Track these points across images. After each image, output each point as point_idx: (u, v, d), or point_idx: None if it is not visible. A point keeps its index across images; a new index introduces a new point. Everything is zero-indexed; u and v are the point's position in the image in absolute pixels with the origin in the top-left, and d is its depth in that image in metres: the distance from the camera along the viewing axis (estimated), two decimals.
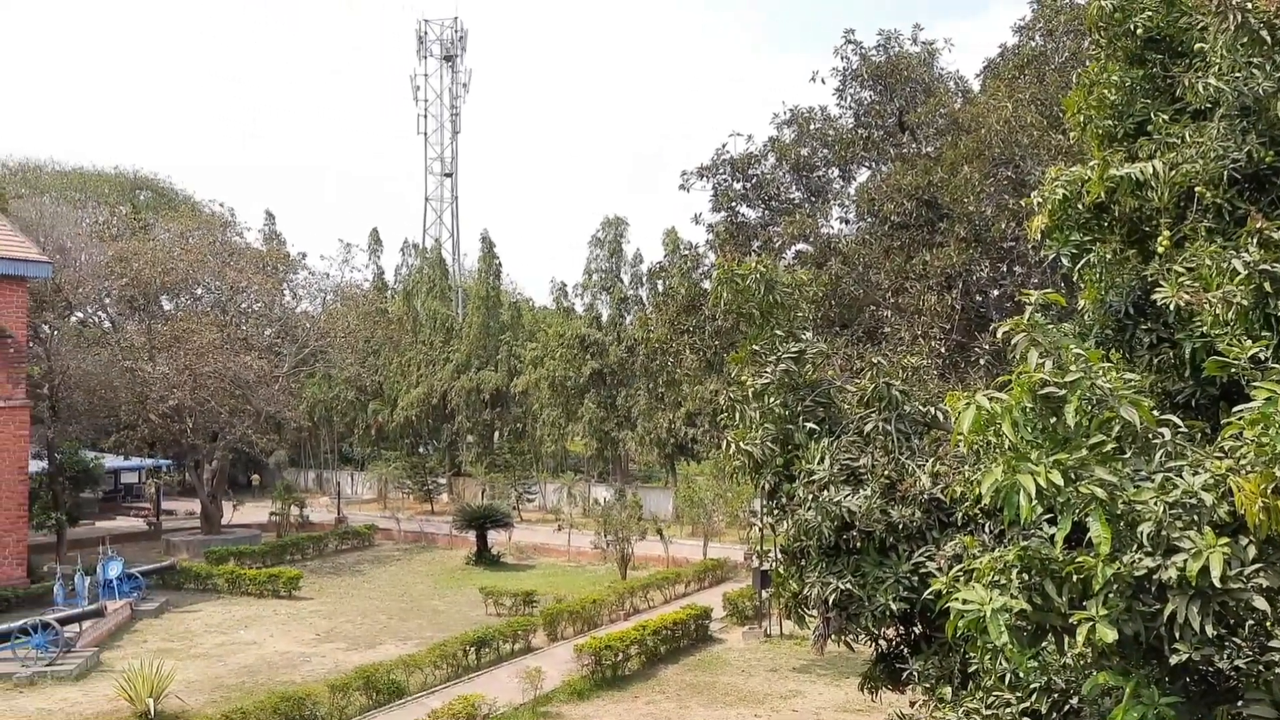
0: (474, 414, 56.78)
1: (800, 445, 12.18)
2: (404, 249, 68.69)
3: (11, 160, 62.05)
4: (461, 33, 70.92)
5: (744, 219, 29.44)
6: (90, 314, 44.50)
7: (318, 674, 22.18)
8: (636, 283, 53.03)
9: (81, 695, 20.89)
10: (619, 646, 22.42)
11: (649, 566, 35.49)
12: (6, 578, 29.83)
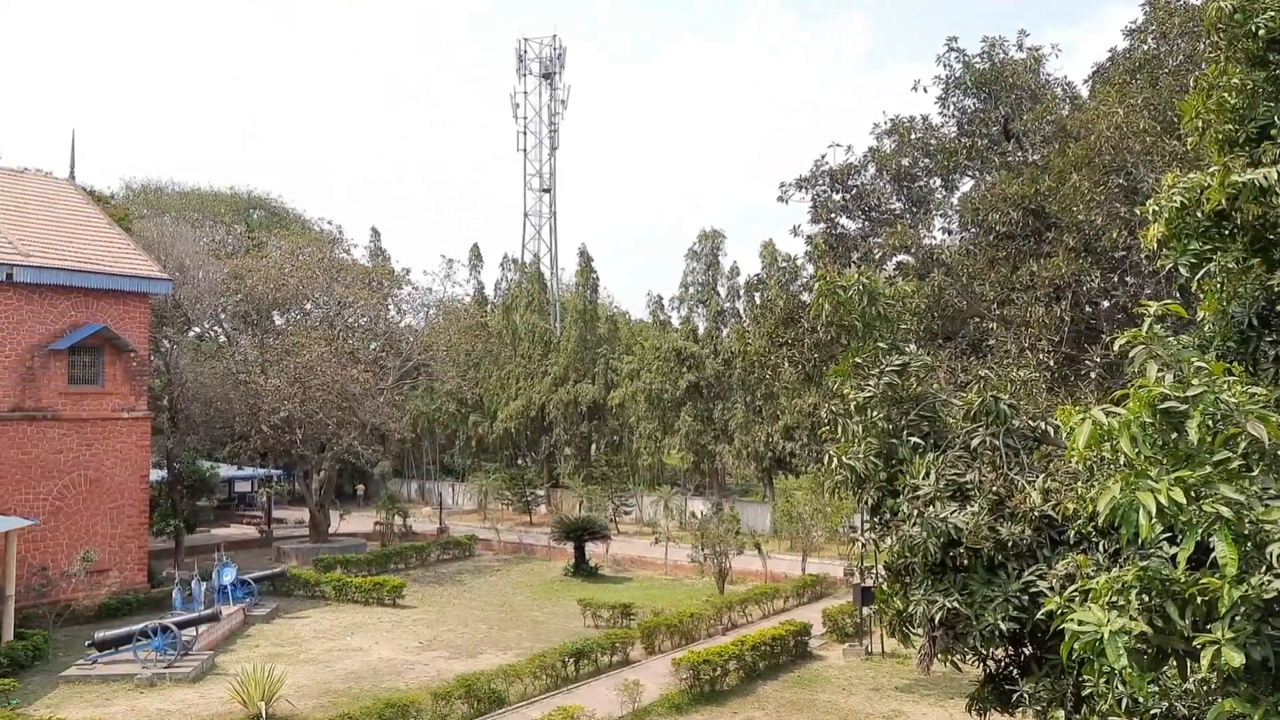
0: (571, 426, 57.28)
1: (904, 460, 12.00)
2: (504, 264, 69.79)
3: (135, 182, 65.15)
4: (560, 50, 71.92)
5: (843, 230, 29.16)
6: (207, 329, 46.34)
7: (421, 681, 22.59)
8: (733, 295, 52.90)
9: (198, 697, 21.65)
10: (717, 661, 22.31)
11: (747, 581, 35.26)
12: (129, 582, 31.14)
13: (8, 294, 28.94)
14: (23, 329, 29.27)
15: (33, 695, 21.43)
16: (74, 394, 30.51)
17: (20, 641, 24.29)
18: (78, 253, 31.25)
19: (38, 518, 28.36)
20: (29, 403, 29.40)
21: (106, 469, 31.14)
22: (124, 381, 31.81)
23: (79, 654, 24.38)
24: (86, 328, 30.52)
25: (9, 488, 28.67)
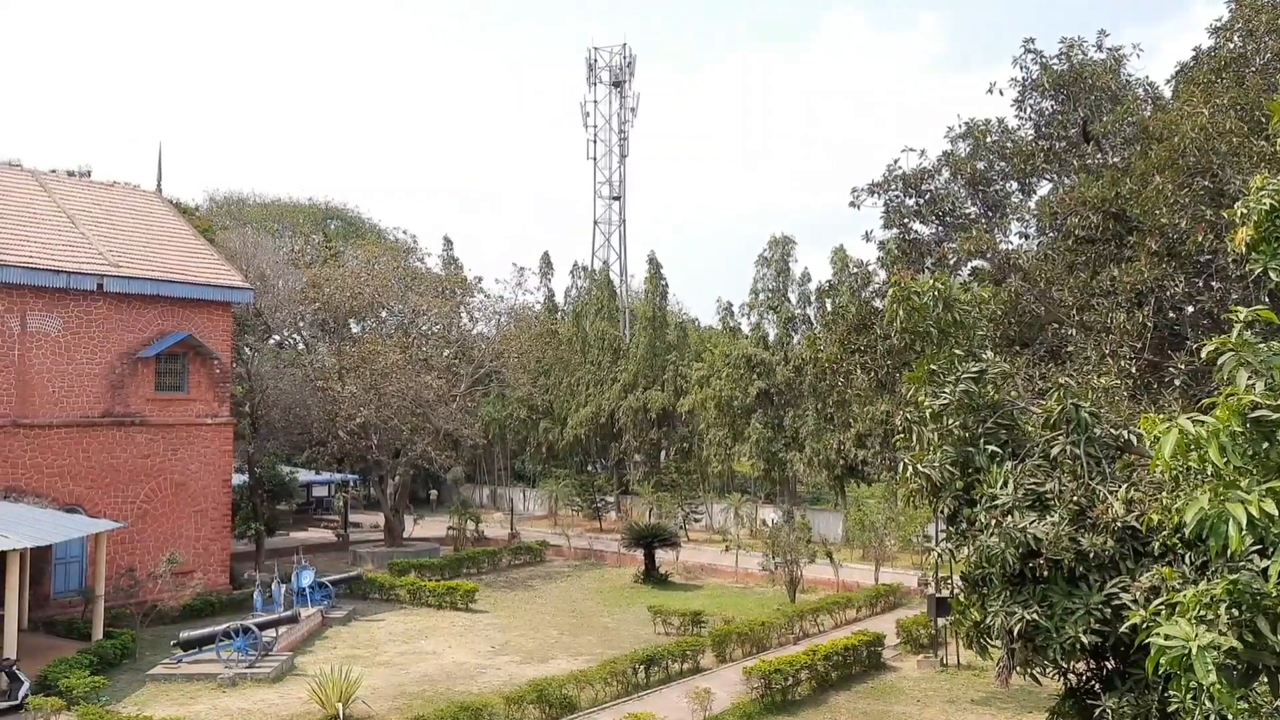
0: (641, 433, 57.37)
1: (981, 468, 11.82)
2: (573, 271, 70.25)
3: (219, 194, 66.99)
4: (629, 59, 72.22)
5: (917, 235, 28.80)
6: (286, 336, 47.42)
7: (493, 685, 22.80)
8: (804, 302, 52.56)
9: (277, 697, 22.14)
10: (789, 671, 22.15)
11: (818, 590, 34.95)
12: (212, 584, 31.97)
13: (98, 303, 29.96)
14: (113, 337, 30.28)
15: (121, 693, 22.11)
16: (161, 400, 31.46)
17: (109, 640, 25.08)
18: (164, 263, 32.24)
19: (126, 520, 29.28)
20: (118, 408, 30.38)
21: (191, 473, 32.04)
22: (208, 388, 32.71)
23: (165, 653, 25.10)
24: (173, 336, 31.46)
25: (99, 491, 29.66)
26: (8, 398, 27.91)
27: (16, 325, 28.14)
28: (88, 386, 29.66)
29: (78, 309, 29.50)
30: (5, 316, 27.91)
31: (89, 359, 29.69)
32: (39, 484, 28.31)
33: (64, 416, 29.09)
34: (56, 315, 29.03)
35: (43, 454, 28.52)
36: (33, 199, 32.12)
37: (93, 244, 31.09)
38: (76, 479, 29.22)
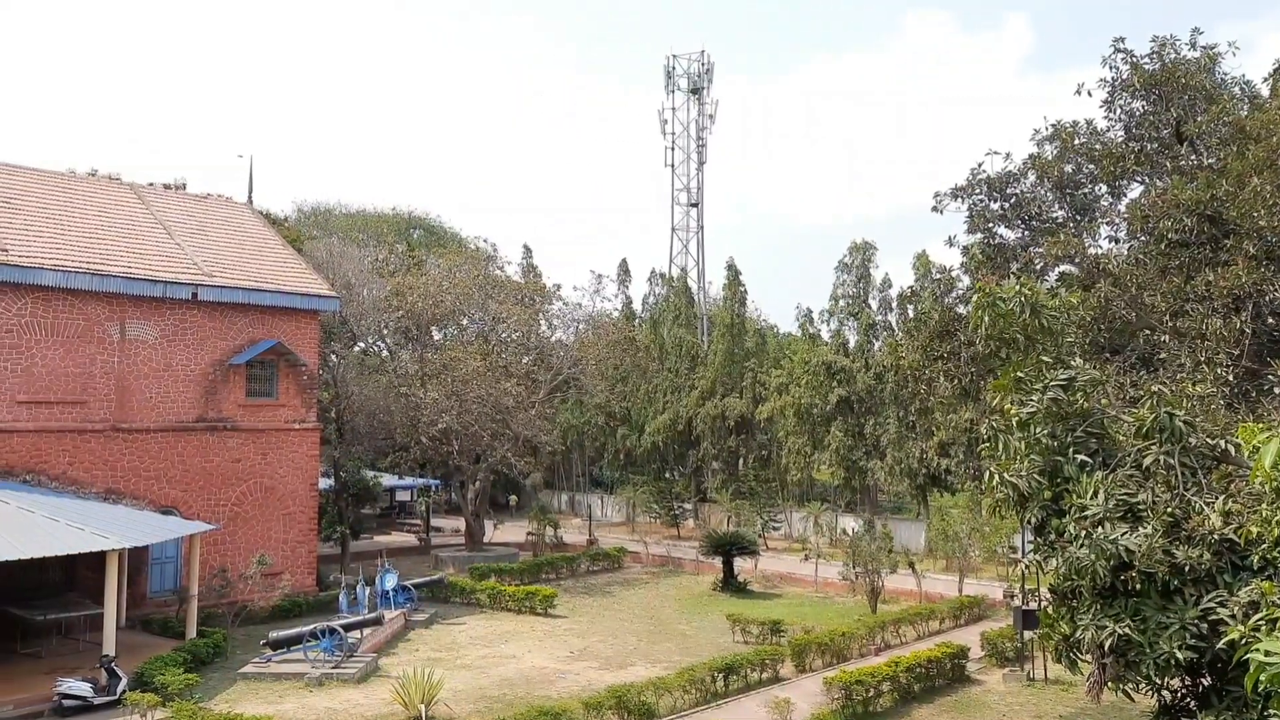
0: (719, 440, 57.21)
1: (1070, 478, 11.53)
2: (651, 278, 70.42)
3: (306, 205, 68.75)
4: (708, 66, 72.24)
5: (1002, 240, 28.26)
6: (371, 344, 48.41)
7: (572, 690, 22.91)
8: (885, 308, 51.90)
9: (363, 697, 22.56)
10: (870, 682, 21.85)
11: (900, 601, 34.43)
12: (299, 585, 32.75)
13: (193, 312, 30.94)
14: (206, 345, 31.24)
15: (213, 690, 22.75)
16: (251, 406, 32.34)
17: (202, 639, 25.84)
18: (255, 273, 33.17)
19: (218, 522, 30.15)
20: (211, 414, 31.33)
21: (280, 477, 32.87)
22: (296, 394, 33.54)
23: (254, 652, 25.76)
24: (263, 343, 32.34)
25: (193, 494, 30.60)
26: (108, 403, 28.96)
27: (116, 333, 29.20)
28: (182, 392, 30.64)
29: (173, 317, 30.51)
30: (106, 325, 28.99)
31: (184, 366, 30.68)
32: (136, 487, 29.32)
33: (160, 421, 30.09)
34: (153, 323, 30.05)
35: (140, 458, 29.53)
36: (132, 211, 33.33)
37: (187, 254, 32.13)
38: (171, 482, 30.20)
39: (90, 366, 28.60)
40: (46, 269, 27.53)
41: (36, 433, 27.38)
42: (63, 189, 32.44)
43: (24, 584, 26.79)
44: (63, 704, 20.88)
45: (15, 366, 27.09)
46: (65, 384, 28.08)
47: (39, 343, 27.61)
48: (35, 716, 20.73)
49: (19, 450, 27.00)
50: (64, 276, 27.82)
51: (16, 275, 26.98)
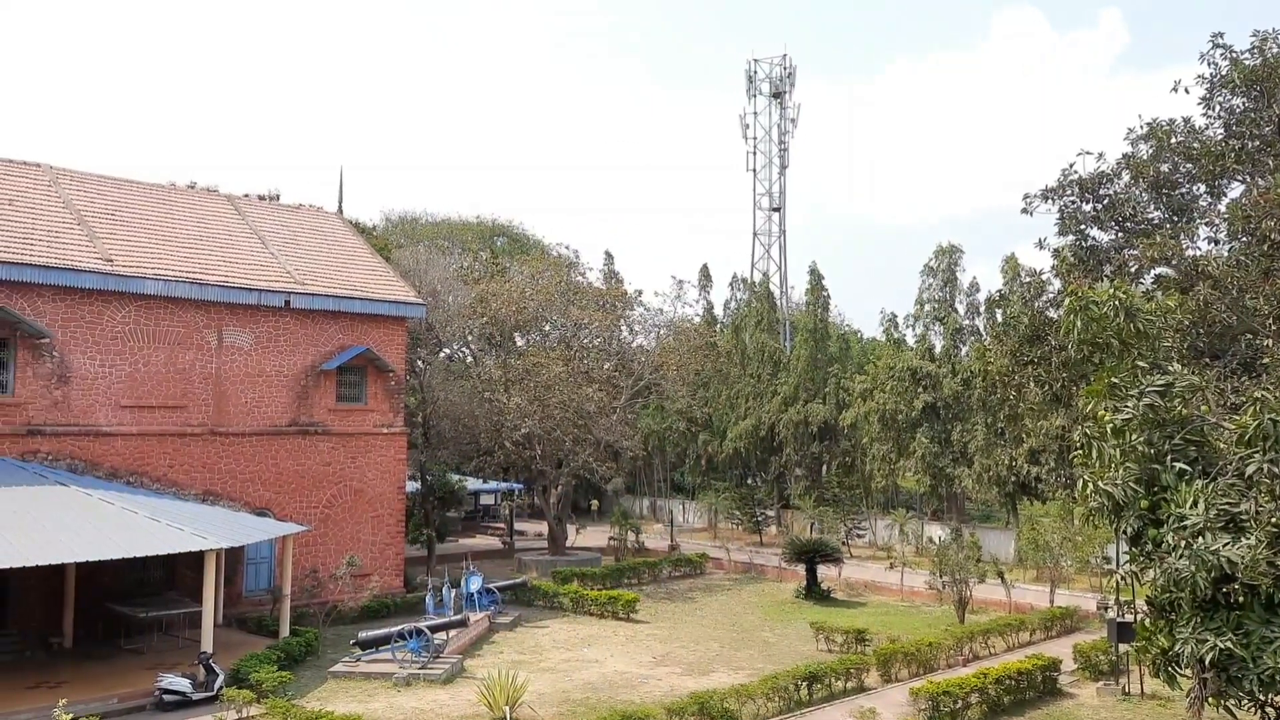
0: (801, 446, 56.75)
1: (1168, 487, 11.18)
2: (733, 283, 70.17)
3: (394, 214, 70.14)
4: (790, 69, 71.80)
5: (1094, 242, 27.51)
6: (456, 350, 49.18)
7: (654, 695, 22.94)
8: (972, 312, 50.93)
9: (448, 698, 22.90)
10: (958, 693, 21.43)
11: (988, 611, 33.73)
12: (387, 586, 33.42)
13: (286, 319, 31.82)
14: (298, 351, 32.09)
15: (305, 688, 23.32)
16: (341, 410, 33.13)
17: (295, 637, 26.51)
18: (345, 280, 33.98)
19: (310, 524, 30.92)
20: (303, 418, 32.16)
21: (368, 480, 33.59)
22: (384, 399, 34.26)
23: (344, 651, 26.35)
24: (352, 349, 33.10)
25: (286, 496, 31.44)
26: (206, 408, 29.93)
27: (214, 340, 30.18)
28: (276, 397, 31.51)
29: (267, 324, 31.41)
30: (204, 332, 29.98)
31: (277, 371, 31.56)
32: (232, 489, 30.24)
33: (255, 425, 30.99)
34: (249, 330, 30.98)
35: (236, 460, 30.46)
36: (229, 222, 34.42)
37: (281, 263, 33.05)
38: (265, 484, 31.07)
39: (189, 372, 29.61)
40: (149, 278, 28.58)
41: (139, 436, 28.42)
42: (164, 201, 33.65)
43: (127, 582, 27.84)
44: (163, 699, 21.61)
45: (119, 372, 28.16)
46: (166, 389, 29.11)
47: (142, 349, 28.67)
48: (138, 710, 21.50)
49: (123, 453, 28.06)
50: (165, 285, 28.85)
51: (121, 284, 28.06)
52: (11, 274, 26.00)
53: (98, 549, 21.93)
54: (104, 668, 24.30)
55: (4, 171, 30.28)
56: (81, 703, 20.07)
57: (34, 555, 20.80)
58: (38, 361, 26.65)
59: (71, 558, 21.77)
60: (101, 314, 27.92)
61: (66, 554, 21.58)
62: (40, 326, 26.51)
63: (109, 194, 32.14)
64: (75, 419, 27.24)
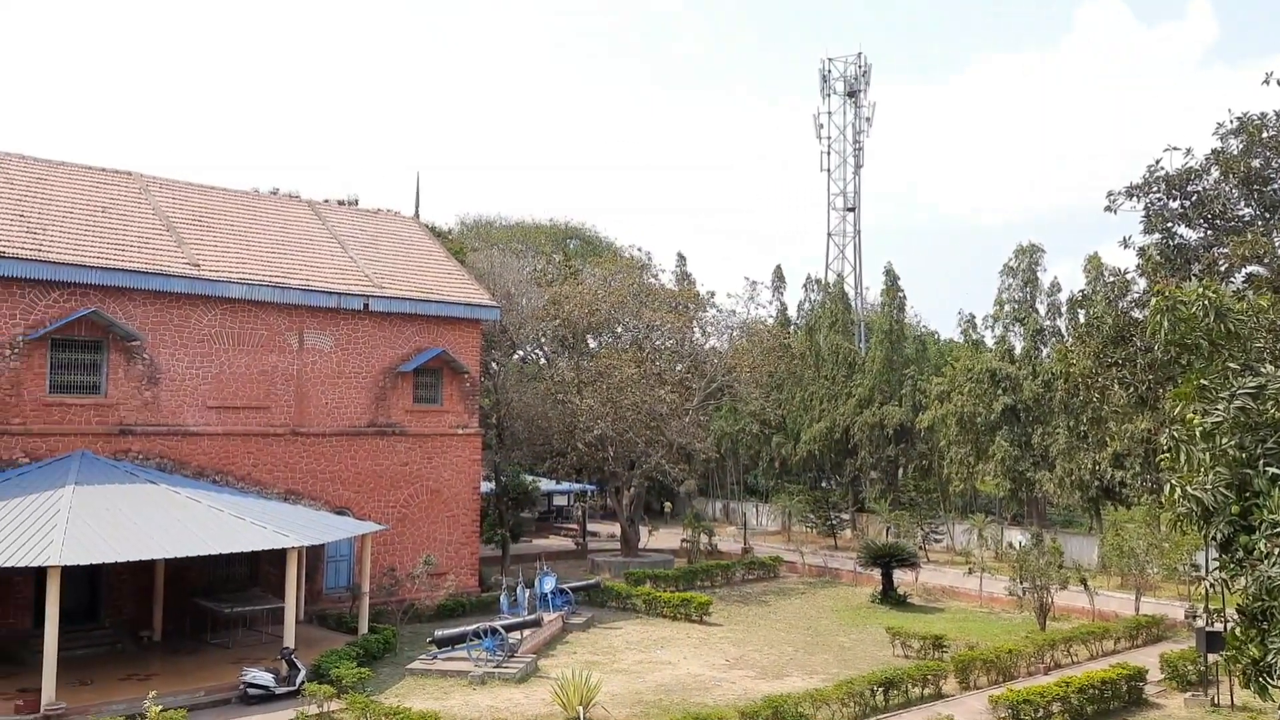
0: (877, 449, 56.05)
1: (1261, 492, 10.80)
2: (806, 284, 69.68)
3: (469, 217, 71.07)
4: (865, 68, 71.09)
5: (1182, 240, 26.72)
6: (529, 352, 49.63)
7: (727, 698, 22.87)
8: (1054, 313, 49.77)
9: (523, 697, 23.11)
10: (1039, 702, 20.98)
11: (1070, 618, 32.95)
12: (462, 585, 33.86)
13: (364, 322, 32.44)
14: (376, 353, 32.69)
15: (383, 684, 23.73)
16: (417, 411, 33.66)
17: (373, 635, 27.01)
18: (421, 284, 34.53)
19: (388, 523, 31.46)
20: (381, 419, 32.74)
21: (444, 480, 34.07)
22: (459, 400, 34.72)
23: (420, 649, 26.75)
24: (428, 351, 33.61)
25: (365, 495, 32.04)
26: (288, 408, 30.65)
27: (295, 342, 30.89)
28: (355, 398, 32.14)
29: (346, 327, 32.05)
30: (286, 334, 30.70)
31: (356, 373, 32.18)
32: (313, 488, 30.90)
33: (335, 426, 31.64)
34: (329, 333, 31.65)
35: (316, 460, 31.12)
36: (309, 227, 35.21)
37: (360, 267, 33.70)
38: (345, 484, 31.70)
39: (272, 373, 30.35)
40: (234, 282, 29.37)
41: (224, 436, 29.22)
42: (247, 207, 34.54)
43: (213, 578, 28.65)
44: (248, 692, 22.18)
45: (206, 374, 28.99)
46: (250, 390, 29.87)
47: (226, 351, 29.47)
48: (223, 703, 22.10)
49: (209, 452, 28.87)
50: (249, 289, 29.62)
51: (208, 289, 28.88)
52: (105, 279, 26.94)
53: (186, 546, 22.61)
54: (191, 661, 25.04)
55: (98, 180, 31.37)
56: (170, 695, 20.71)
57: (126, 551, 21.53)
58: (129, 363, 27.56)
59: (162, 554, 22.49)
60: (189, 317, 28.77)
61: (157, 550, 22.30)
62: (132, 329, 27.41)
63: (195, 200, 33.09)
64: (164, 419, 28.11)
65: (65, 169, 31.10)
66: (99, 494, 23.82)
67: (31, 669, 21.89)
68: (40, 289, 26.05)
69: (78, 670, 23.05)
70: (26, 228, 26.90)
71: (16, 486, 23.68)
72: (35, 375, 25.89)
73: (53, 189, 29.56)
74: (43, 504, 22.64)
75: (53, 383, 26.30)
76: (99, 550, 21.15)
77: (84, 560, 20.73)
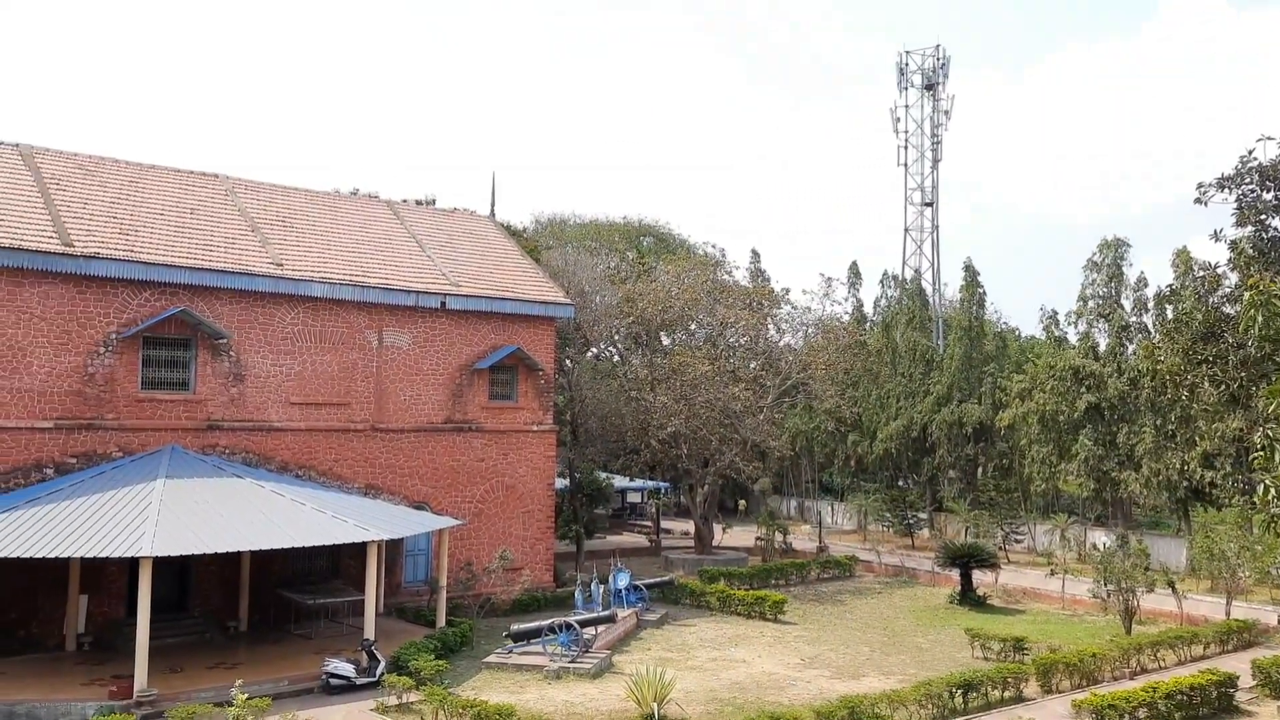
0: (955, 448, 55.12)
1: None
2: (883, 280, 68.67)
3: (543, 216, 71.54)
4: (943, 60, 69.86)
5: (1275, 233, 25.75)
6: (603, 349, 49.81)
7: (802, 698, 22.71)
8: (1140, 309, 48.33)
9: (597, 692, 23.22)
10: (1124, 707, 20.44)
11: (1157, 622, 32.04)
12: (537, 581, 34.17)
13: (441, 320, 32.90)
14: (453, 351, 33.14)
15: (460, 677, 24.05)
16: (493, 408, 34.04)
17: (451, 628, 27.39)
18: (497, 282, 34.91)
19: (464, 518, 31.88)
20: (457, 415, 33.18)
21: (519, 476, 34.41)
22: (533, 398, 35.03)
23: (497, 643, 27.06)
24: (504, 349, 33.97)
25: (441, 491, 32.51)
26: (368, 405, 31.24)
27: (375, 340, 31.46)
28: (432, 395, 32.63)
29: (424, 325, 32.55)
30: (366, 332, 31.29)
31: (433, 370, 32.67)
32: (392, 483, 31.45)
33: (412, 422, 32.16)
34: (407, 331, 32.17)
35: (395, 456, 31.67)
36: (388, 226, 35.82)
37: (437, 265, 34.20)
38: (423, 479, 32.20)
39: (352, 371, 30.95)
40: (315, 281, 30.02)
41: (307, 431, 29.88)
42: (328, 207, 35.28)
43: (295, 570, 29.34)
44: (329, 682, 22.67)
45: (289, 371, 29.68)
46: (331, 387, 30.51)
47: (309, 349, 30.13)
48: (306, 692, 22.61)
49: (292, 447, 29.56)
50: (330, 288, 30.25)
51: (291, 288, 29.57)
52: (194, 278, 27.75)
53: (271, 538, 23.20)
54: (275, 651, 25.68)
55: (186, 182, 32.31)
56: (255, 683, 21.25)
57: (214, 543, 22.15)
58: (216, 361, 28.35)
59: (248, 546, 23.11)
60: (273, 315, 29.48)
61: (244, 542, 22.91)
62: (219, 328, 28.19)
63: (278, 201, 33.89)
64: (249, 415, 28.86)
65: (156, 172, 32.09)
66: (188, 487, 24.56)
67: (125, 656, 22.66)
68: (132, 288, 26.93)
69: (168, 658, 23.80)
70: (119, 229, 27.84)
71: (111, 480, 24.54)
72: (128, 372, 26.78)
73: (144, 191, 30.53)
74: (135, 497, 23.42)
75: (144, 379, 27.19)
76: (188, 542, 21.80)
77: (174, 551, 21.38)
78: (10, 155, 29.33)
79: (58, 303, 25.80)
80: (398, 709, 21.21)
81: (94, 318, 26.28)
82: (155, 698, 20.78)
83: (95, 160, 31.09)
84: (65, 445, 25.64)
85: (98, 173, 30.37)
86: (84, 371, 26.06)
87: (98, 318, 26.36)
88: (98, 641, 25.53)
